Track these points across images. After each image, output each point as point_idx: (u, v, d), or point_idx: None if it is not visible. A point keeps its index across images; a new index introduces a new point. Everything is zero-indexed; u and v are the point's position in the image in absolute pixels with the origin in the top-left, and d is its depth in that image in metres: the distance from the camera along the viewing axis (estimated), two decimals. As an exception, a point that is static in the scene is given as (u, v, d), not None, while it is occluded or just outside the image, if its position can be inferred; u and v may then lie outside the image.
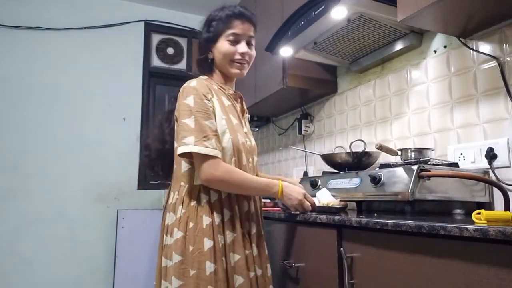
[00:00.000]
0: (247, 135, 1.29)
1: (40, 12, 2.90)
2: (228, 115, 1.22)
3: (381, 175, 1.28)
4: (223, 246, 1.14)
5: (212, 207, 1.16)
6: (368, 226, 0.98)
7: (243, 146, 1.23)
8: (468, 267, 0.75)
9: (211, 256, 1.10)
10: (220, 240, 1.13)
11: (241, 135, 1.23)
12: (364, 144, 1.57)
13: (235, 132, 1.20)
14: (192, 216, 1.14)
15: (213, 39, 1.26)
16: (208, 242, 1.11)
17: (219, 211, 1.16)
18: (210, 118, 1.15)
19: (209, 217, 1.14)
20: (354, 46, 1.81)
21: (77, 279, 2.74)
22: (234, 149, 1.19)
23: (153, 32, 3.26)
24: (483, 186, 1.29)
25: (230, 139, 1.18)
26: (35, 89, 2.83)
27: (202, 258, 1.10)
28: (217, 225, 1.14)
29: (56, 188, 2.78)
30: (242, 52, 1.25)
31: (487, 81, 1.37)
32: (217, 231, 1.13)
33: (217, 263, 1.10)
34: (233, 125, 1.21)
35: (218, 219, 1.15)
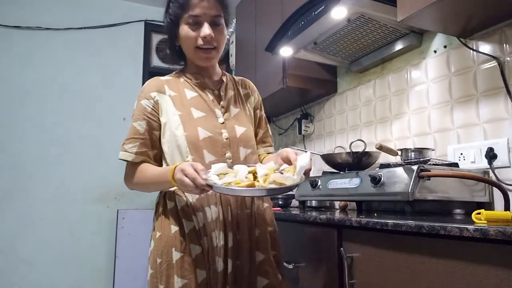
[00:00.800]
0: (225, 125, 1.10)
1: (40, 12, 2.90)
2: (187, 109, 1.09)
3: (381, 175, 1.28)
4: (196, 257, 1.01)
5: (178, 215, 1.05)
6: (368, 226, 0.98)
7: (210, 140, 1.06)
8: (468, 267, 0.75)
9: (178, 269, 0.99)
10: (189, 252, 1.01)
11: (206, 129, 1.07)
12: (364, 144, 1.57)
13: (194, 126, 1.06)
14: (159, 224, 1.07)
15: (174, 25, 1.11)
16: (176, 254, 1.01)
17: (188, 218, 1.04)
18: (141, 119, 1.09)
19: (175, 225, 1.04)
20: (354, 46, 1.81)
21: (77, 279, 2.74)
22: (190, 146, 1.05)
23: (153, 32, 3.26)
24: (483, 186, 1.29)
25: (184, 135, 1.05)
26: (35, 89, 2.83)
27: (170, 272, 1.00)
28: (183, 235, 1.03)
29: (56, 188, 2.78)
30: (204, 35, 1.06)
31: (487, 81, 1.37)
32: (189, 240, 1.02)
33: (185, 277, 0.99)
34: (192, 119, 1.07)
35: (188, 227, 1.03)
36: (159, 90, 1.12)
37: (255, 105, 1.27)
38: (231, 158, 1.08)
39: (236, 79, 1.27)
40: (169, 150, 1.08)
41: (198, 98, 1.13)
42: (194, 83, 1.15)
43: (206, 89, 1.16)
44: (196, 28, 1.08)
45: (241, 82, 1.27)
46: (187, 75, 1.17)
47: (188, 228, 1.03)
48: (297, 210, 1.76)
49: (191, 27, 1.08)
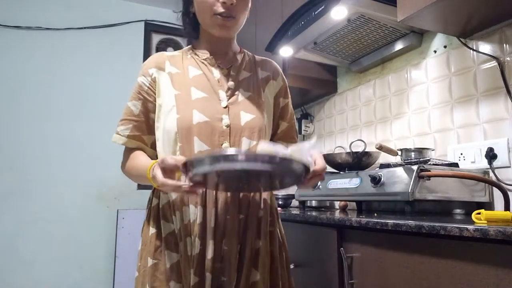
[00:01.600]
0: (228, 110, 0.93)
1: (40, 12, 2.89)
2: (186, 89, 0.94)
3: (381, 175, 1.28)
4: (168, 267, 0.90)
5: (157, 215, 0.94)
6: (368, 226, 0.98)
7: (206, 126, 0.90)
8: (468, 267, 0.75)
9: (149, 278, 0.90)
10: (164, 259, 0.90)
11: (203, 112, 0.91)
12: (364, 144, 1.57)
13: (189, 109, 0.91)
14: (145, 226, 0.97)
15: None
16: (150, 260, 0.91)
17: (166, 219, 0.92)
18: (136, 99, 0.98)
19: (153, 226, 0.94)
20: (354, 46, 1.81)
21: (77, 279, 2.74)
22: (180, 131, 0.89)
23: (153, 32, 3.26)
24: (483, 186, 1.29)
25: (175, 118, 0.90)
26: (35, 89, 2.82)
27: (145, 279, 0.91)
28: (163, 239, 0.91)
29: (56, 188, 2.78)
30: (224, 0, 0.91)
31: (487, 81, 1.37)
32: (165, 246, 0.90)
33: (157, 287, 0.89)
34: (190, 100, 0.92)
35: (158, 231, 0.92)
36: (159, 66, 0.99)
37: (278, 92, 1.07)
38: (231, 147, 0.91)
39: (258, 59, 1.09)
40: (160, 136, 0.94)
41: (201, 76, 0.97)
42: (201, 60, 1.00)
43: (213, 66, 0.99)
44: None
45: (262, 63, 1.08)
46: (196, 50, 1.03)
47: (166, 231, 0.90)
48: (297, 210, 1.76)
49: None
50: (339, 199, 1.79)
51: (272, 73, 1.07)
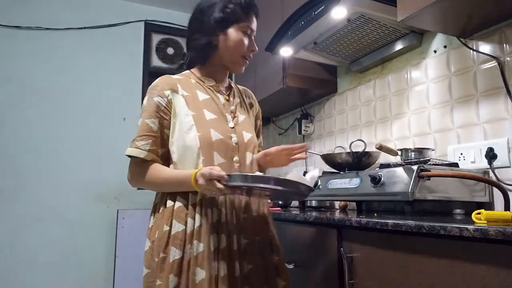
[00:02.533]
0: (235, 130, 1.12)
1: (40, 12, 2.89)
2: (199, 110, 1.09)
3: (381, 175, 1.28)
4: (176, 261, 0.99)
5: (175, 215, 1.04)
6: (368, 226, 0.98)
7: (221, 143, 1.07)
8: (468, 267, 0.75)
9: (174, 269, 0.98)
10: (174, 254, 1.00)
11: (217, 131, 1.07)
12: (364, 144, 1.57)
13: (206, 128, 1.07)
14: (159, 224, 1.05)
15: (227, 23, 1.11)
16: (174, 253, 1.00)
17: (179, 220, 1.03)
18: (154, 117, 1.07)
19: (167, 225, 1.03)
20: (354, 46, 1.81)
21: (77, 279, 2.74)
22: (202, 146, 1.05)
23: (153, 32, 3.26)
24: (483, 186, 1.29)
25: (197, 136, 1.05)
26: (35, 89, 2.82)
27: (167, 270, 0.99)
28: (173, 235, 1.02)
29: (56, 188, 2.78)
30: (253, 49, 1.16)
31: (487, 81, 1.37)
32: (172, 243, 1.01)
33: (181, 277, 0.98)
34: (205, 120, 1.08)
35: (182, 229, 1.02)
36: (173, 88, 1.11)
37: (256, 115, 1.31)
38: (238, 162, 1.10)
39: (240, 88, 1.29)
40: (178, 150, 1.07)
41: (210, 100, 1.13)
42: (207, 86, 1.16)
43: (218, 92, 1.17)
44: (247, 39, 1.14)
45: (245, 92, 1.30)
46: (199, 77, 1.17)
47: (176, 229, 1.02)
48: (297, 210, 1.76)
49: (245, 37, 1.14)
50: (339, 199, 1.79)
51: (253, 101, 1.31)
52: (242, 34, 1.13)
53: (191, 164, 1.05)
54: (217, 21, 1.11)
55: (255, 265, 1.06)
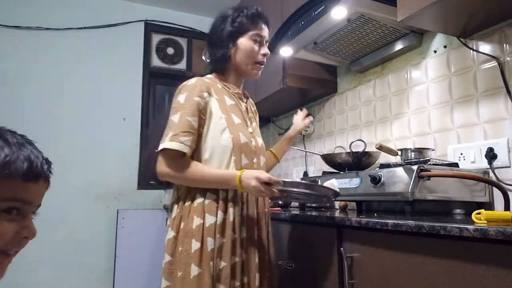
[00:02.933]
0: (252, 135, 1.25)
1: (40, 12, 2.89)
2: (229, 114, 1.20)
3: (381, 175, 1.28)
4: (212, 250, 1.09)
5: (204, 209, 1.13)
6: (368, 226, 0.98)
7: (246, 146, 1.19)
8: (468, 267, 0.75)
9: (197, 259, 1.08)
10: (209, 243, 1.09)
11: (244, 135, 1.20)
12: (364, 144, 1.57)
13: (236, 131, 1.18)
14: (184, 216, 1.13)
15: (237, 35, 1.23)
16: (195, 244, 1.09)
17: (211, 213, 1.12)
18: (195, 115, 1.13)
19: (200, 218, 1.11)
20: (354, 46, 1.81)
21: (77, 279, 2.74)
22: (234, 148, 1.16)
23: (153, 32, 3.26)
24: (483, 186, 1.29)
25: (230, 137, 1.16)
26: (35, 89, 2.82)
27: (189, 260, 1.08)
28: (208, 227, 1.11)
29: (56, 188, 2.77)
30: (265, 53, 1.25)
31: (487, 81, 1.37)
32: (207, 234, 1.10)
33: (203, 267, 1.07)
34: (234, 124, 1.19)
35: (209, 222, 1.11)
36: (209, 91, 1.19)
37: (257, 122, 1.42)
38: (256, 163, 1.23)
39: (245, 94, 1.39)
40: (211, 148, 1.16)
41: (235, 106, 1.24)
42: (232, 92, 1.26)
43: (240, 100, 1.29)
44: (258, 46, 1.24)
45: (250, 98, 1.40)
46: (224, 83, 1.27)
47: (209, 221, 1.11)
48: (297, 210, 1.76)
49: (256, 44, 1.24)
50: (339, 199, 1.79)
51: (256, 107, 1.44)
52: (252, 42, 1.23)
53: (223, 162, 1.16)
54: (228, 34, 1.23)
55: (261, 254, 1.19)
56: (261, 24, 1.25)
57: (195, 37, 3.35)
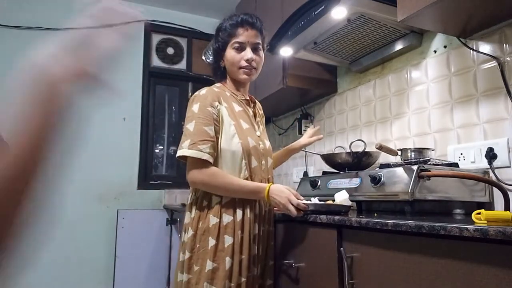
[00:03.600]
0: (260, 138, 1.34)
1: (40, 12, 2.90)
2: (238, 120, 1.28)
3: (381, 175, 1.28)
4: (229, 246, 1.19)
5: (221, 209, 1.22)
6: (368, 226, 0.98)
7: (255, 149, 1.28)
8: (468, 267, 0.75)
9: (212, 254, 1.18)
10: (226, 240, 1.19)
11: (252, 139, 1.28)
12: (364, 144, 1.57)
13: (245, 136, 1.26)
14: (202, 216, 1.23)
15: (221, 49, 1.33)
16: (212, 242, 1.19)
17: (228, 213, 1.22)
18: (210, 124, 1.22)
19: (217, 217, 1.21)
20: (354, 46, 1.81)
21: (77, 279, 2.74)
22: (244, 152, 1.25)
23: (153, 32, 3.26)
24: (483, 186, 1.29)
25: (239, 143, 1.24)
26: (35, 89, 2.82)
27: (205, 256, 1.18)
28: (225, 226, 1.21)
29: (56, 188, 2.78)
30: (247, 58, 1.30)
31: (487, 81, 1.37)
32: (223, 232, 1.20)
33: (218, 261, 1.18)
34: (243, 129, 1.27)
35: (226, 220, 1.21)
36: (219, 100, 1.28)
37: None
38: (265, 165, 1.32)
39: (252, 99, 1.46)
40: (223, 153, 1.24)
41: (243, 112, 1.33)
42: (239, 99, 1.36)
43: (248, 106, 1.38)
44: (240, 52, 1.31)
45: (257, 103, 1.48)
46: (231, 90, 1.36)
47: (226, 220, 1.21)
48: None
49: (236, 51, 1.31)
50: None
51: (263, 111, 1.52)
52: (233, 51, 1.31)
53: (236, 166, 1.25)
54: (215, 52, 1.37)
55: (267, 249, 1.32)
56: (240, 30, 1.30)
57: (195, 37, 3.35)
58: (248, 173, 1.26)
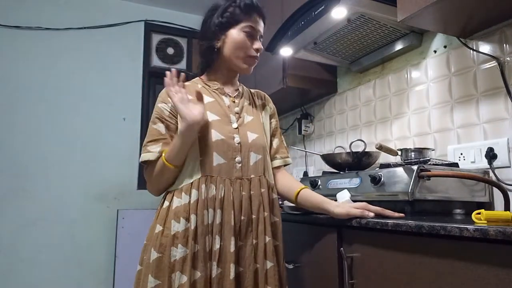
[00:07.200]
0: (238, 130, 1.14)
1: (40, 12, 2.90)
2: None
3: (381, 175, 1.28)
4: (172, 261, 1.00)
5: (167, 216, 1.05)
6: (368, 226, 0.98)
7: (222, 143, 1.09)
8: (468, 267, 0.75)
9: (153, 270, 1.01)
10: (169, 254, 1.01)
11: (219, 131, 1.10)
12: (364, 144, 1.57)
13: (207, 129, 1.09)
14: (153, 224, 1.09)
15: (227, 26, 1.14)
16: (153, 254, 1.02)
17: (174, 221, 1.03)
18: (158, 121, 1.11)
19: (161, 226, 1.04)
20: (354, 46, 1.81)
21: (77, 279, 2.74)
22: (200, 147, 1.08)
23: (153, 32, 3.26)
24: (483, 186, 1.29)
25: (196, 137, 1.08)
26: (34, 89, 2.83)
27: (146, 270, 1.03)
28: (170, 237, 1.02)
29: (56, 188, 2.78)
30: (257, 48, 1.16)
31: (487, 81, 1.37)
32: (169, 243, 1.01)
33: (160, 278, 1.00)
34: (208, 122, 1.10)
35: (171, 230, 1.03)
36: None
37: (271, 115, 1.33)
38: (240, 162, 1.11)
39: (252, 91, 1.33)
40: None
41: (214, 103, 1.16)
42: (212, 89, 1.20)
43: (223, 95, 1.20)
44: (250, 39, 1.15)
45: (257, 94, 1.33)
46: (206, 82, 1.21)
47: (175, 229, 1.02)
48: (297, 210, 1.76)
49: (248, 36, 1.15)
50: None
51: (266, 101, 1.33)
52: (243, 34, 1.14)
53: (190, 164, 1.08)
54: (217, 25, 1.14)
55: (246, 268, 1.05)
56: (255, 16, 1.16)
57: (195, 37, 3.35)
58: (202, 173, 1.06)
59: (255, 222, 1.09)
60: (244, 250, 1.06)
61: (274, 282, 1.06)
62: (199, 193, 1.04)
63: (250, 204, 1.09)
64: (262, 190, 1.12)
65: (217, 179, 1.06)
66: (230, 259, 1.02)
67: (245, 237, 1.07)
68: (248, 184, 1.10)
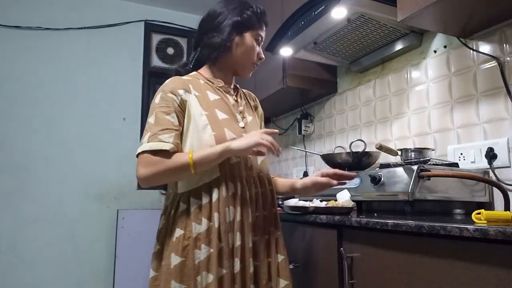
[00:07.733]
0: (245, 130, 1.14)
1: (40, 12, 2.90)
2: (211, 110, 1.10)
3: (381, 175, 1.28)
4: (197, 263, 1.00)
5: (187, 218, 1.04)
6: (368, 226, 0.98)
7: None
8: (468, 267, 0.75)
9: (177, 275, 0.99)
10: (193, 256, 1.00)
11: (231, 131, 1.09)
12: (364, 144, 1.57)
13: (220, 127, 1.08)
14: (168, 227, 1.06)
15: (243, 28, 1.14)
16: (175, 259, 1.00)
17: (195, 222, 1.03)
18: (172, 112, 1.06)
19: (182, 229, 1.03)
20: (354, 46, 1.81)
21: (77, 279, 2.74)
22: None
23: (153, 32, 3.26)
24: (483, 186, 1.29)
25: (212, 135, 1.06)
26: (35, 89, 2.83)
27: (168, 276, 1.00)
28: (192, 239, 1.01)
29: (56, 188, 2.78)
30: (261, 57, 1.21)
31: (487, 81, 1.37)
32: (192, 246, 1.01)
33: (184, 283, 0.99)
34: (218, 120, 1.09)
35: (193, 232, 1.02)
36: (185, 89, 1.10)
37: (261, 116, 1.34)
38: (251, 160, 1.12)
39: (244, 91, 1.31)
40: (192, 148, 1.06)
41: (220, 100, 1.15)
42: (216, 87, 1.17)
43: (227, 93, 1.19)
44: (257, 46, 1.19)
45: (249, 95, 1.32)
46: (207, 78, 1.18)
47: (197, 231, 1.02)
48: (297, 210, 1.76)
49: (256, 43, 1.18)
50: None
51: (257, 102, 1.34)
52: (254, 41, 1.17)
53: None
54: (235, 23, 1.13)
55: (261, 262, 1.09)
56: (264, 26, 1.20)
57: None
58: (221, 172, 1.06)
59: (267, 218, 1.13)
60: (259, 245, 1.08)
61: (286, 275, 1.11)
62: (220, 192, 1.04)
63: (262, 201, 1.13)
64: (270, 187, 1.17)
65: (235, 177, 1.07)
66: (249, 254, 1.05)
67: (259, 233, 1.09)
68: (258, 181, 1.13)
